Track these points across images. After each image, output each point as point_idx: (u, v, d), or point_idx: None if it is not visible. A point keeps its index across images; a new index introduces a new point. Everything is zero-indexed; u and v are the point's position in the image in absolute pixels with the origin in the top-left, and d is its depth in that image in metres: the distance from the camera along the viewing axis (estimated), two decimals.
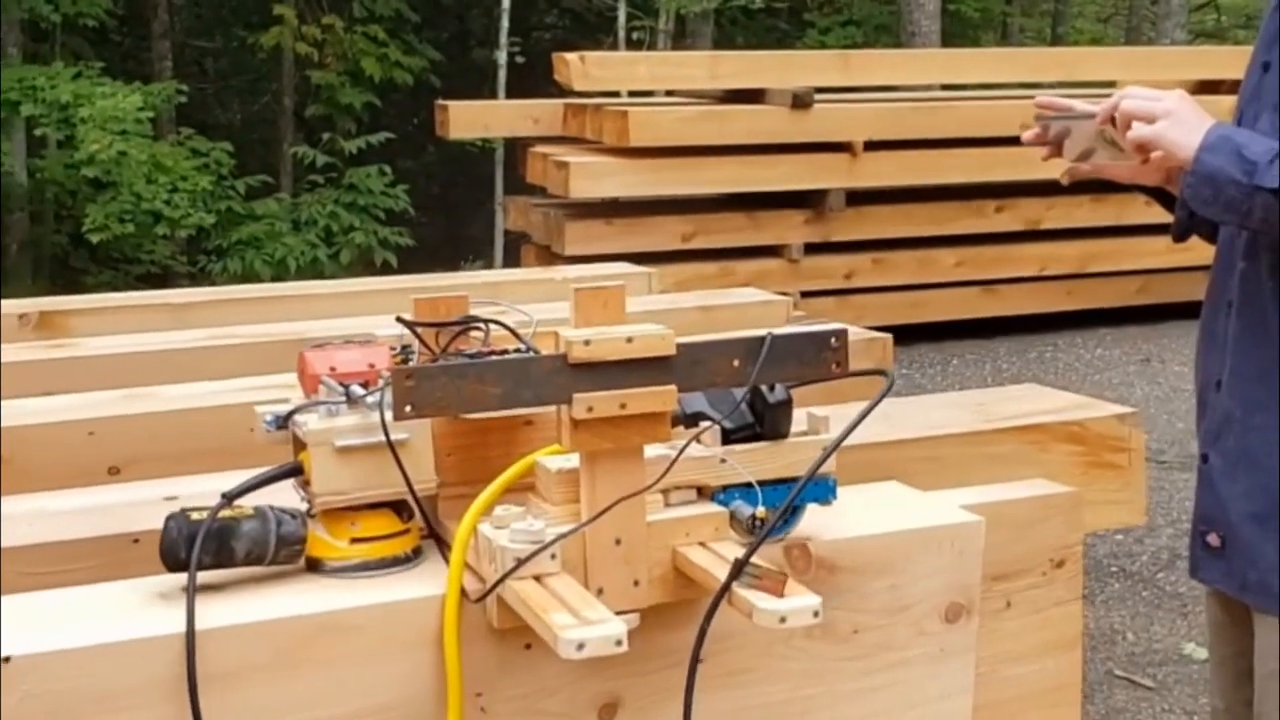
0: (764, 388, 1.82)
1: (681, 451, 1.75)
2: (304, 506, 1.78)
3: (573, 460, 1.73)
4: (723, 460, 1.81)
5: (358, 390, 1.76)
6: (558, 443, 1.74)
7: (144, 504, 2.27)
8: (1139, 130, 2.02)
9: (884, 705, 2.02)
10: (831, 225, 7.56)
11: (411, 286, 4.54)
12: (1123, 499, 3.01)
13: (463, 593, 1.70)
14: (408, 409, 1.61)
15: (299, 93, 12.20)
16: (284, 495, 1.83)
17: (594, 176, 7.05)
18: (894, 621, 2.00)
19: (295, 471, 1.78)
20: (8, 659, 1.58)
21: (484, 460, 1.81)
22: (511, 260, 9.26)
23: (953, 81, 8.83)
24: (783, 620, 1.63)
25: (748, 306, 4.25)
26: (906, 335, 7.64)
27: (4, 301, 4.79)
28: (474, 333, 1.95)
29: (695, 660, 1.72)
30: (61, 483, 2.71)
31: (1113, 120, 2.08)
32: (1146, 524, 4.55)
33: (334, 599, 1.71)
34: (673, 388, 1.71)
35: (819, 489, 1.86)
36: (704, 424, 1.81)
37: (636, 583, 1.75)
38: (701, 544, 1.77)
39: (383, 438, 1.73)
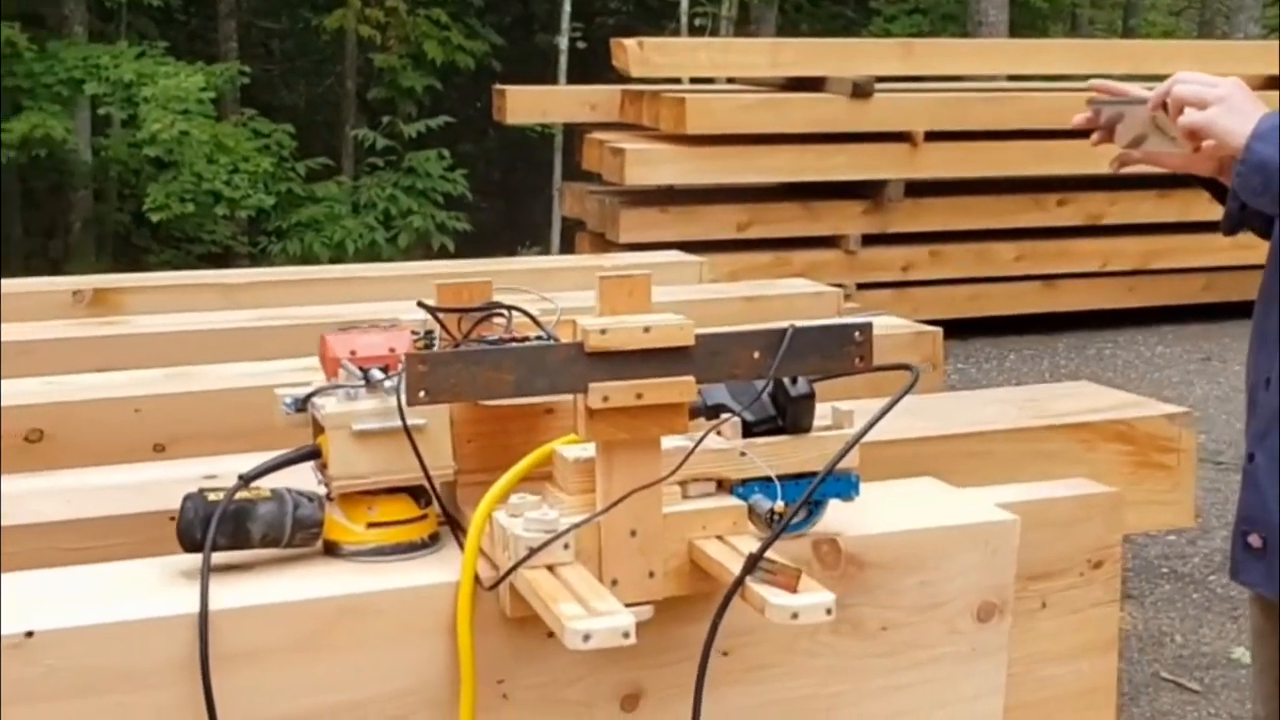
0: (786, 381, 1.80)
1: (698, 443, 1.73)
2: (322, 490, 1.78)
3: (590, 450, 1.70)
4: (742, 453, 1.78)
5: (376, 374, 1.75)
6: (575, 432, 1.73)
7: (183, 482, 2.26)
8: (1190, 116, 1.98)
9: (912, 704, 1.99)
10: (890, 216, 7.49)
11: (460, 271, 4.54)
12: (1171, 500, 2.96)
13: (477, 580, 1.69)
14: (421, 394, 1.60)
15: (362, 75, 12.26)
16: (306, 478, 1.83)
17: (649, 163, 7.02)
18: (924, 619, 1.97)
19: (314, 455, 1.77)
20: (31, 634, 1.58)
21: (504, 448, 1.79)
22: (568, 247, 9.25)
23: (1017, 73, 8.73)
24: (795, 616, 1.60)
25: (796, 297, 4.22)
26: (964, 330, 7.59)
27: (60, 279, 4.84)
28: (498, 319, 1.93)
29: (706, 654, 1.70)
30: (107, 459, 2.72)
31: (1165, 106, 2.04)
32: (1200, 525, 4.50)
33: (349, 583, 1.70)
34: (691, 379, 1.68)
35: (841, 484, 1.83)
36: (722, 416, 1.79)
37: (652, 574, 1.72)
38: (719, 537, 1.74)
39: (401, 423, 1.71)
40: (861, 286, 7.35)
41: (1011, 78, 8.94)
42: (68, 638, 1.59)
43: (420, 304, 1.90)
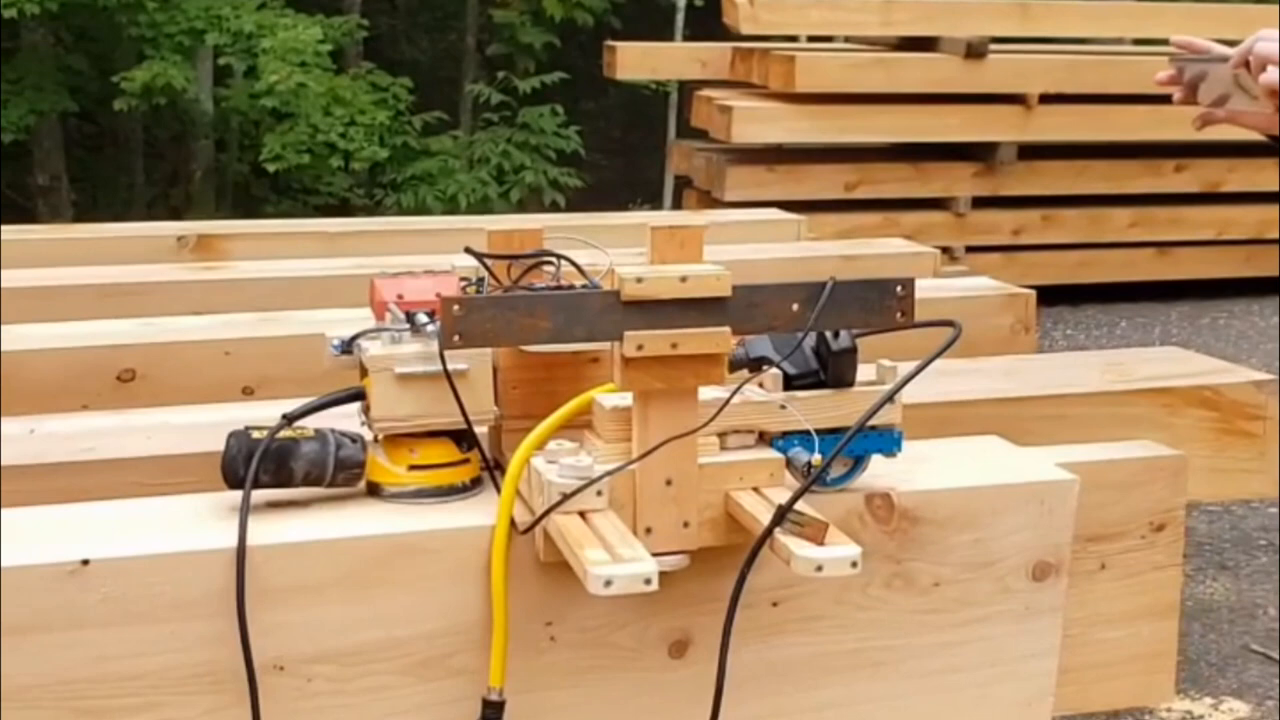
0: (829, 334, 1.79)
1: (733, 395, 1.73)
2: (367, 433, 1.81)
3: (627, 399, 1.72)
4: (782, 406, 1.78)
5: (422, 318, 1.77)
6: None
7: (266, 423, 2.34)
8: (1272, 74, 1.93)
9: (964, 661, 1.99)
10: (1001, 179, 7.38)
11: (549, 225, 4.57)
12: (1256, 468, 2.92)
13: (512, 524, 1.71)
14: (455, 338, 1.62)
15: (484, 32, 12.31)
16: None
17: (757, 121, 6.98)
18: (977, 577, 1.96)
19: (358, 396, 1.80)
20: (87, 561, 1.63)
21: (549, 395, 1.81)
22: (679, 205, 9.25)
23: (1136, 36, 8.54)
24: (819, 569, 1.60)
25: (892, 257, 4.20)
26: (1075, 296, 7.48)
27: (166, 224, 4.95)
28: (548, 268, 1.94)
29: (733, 605, 1.71)
30: (197, 400, 2.80)
31: (1247, 64, 1.99)
32: None
33: (388, 523, 1.74)
34: (727, 330, 1.68)
35: (883, 440, 1.83)
36: (752, 370, 1.79)
37: (686, 524, 1.74)
38: (755, 489, 1.75)
39: (442, 366, 1.73)
40: (971, 249, 7.27)
41: (1134, 42, 8.75)
42: (123, 566, 1.64)
43: (468, 250, 1.92)
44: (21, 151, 10.37)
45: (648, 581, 1.56)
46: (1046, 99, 7.24)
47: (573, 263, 1.93)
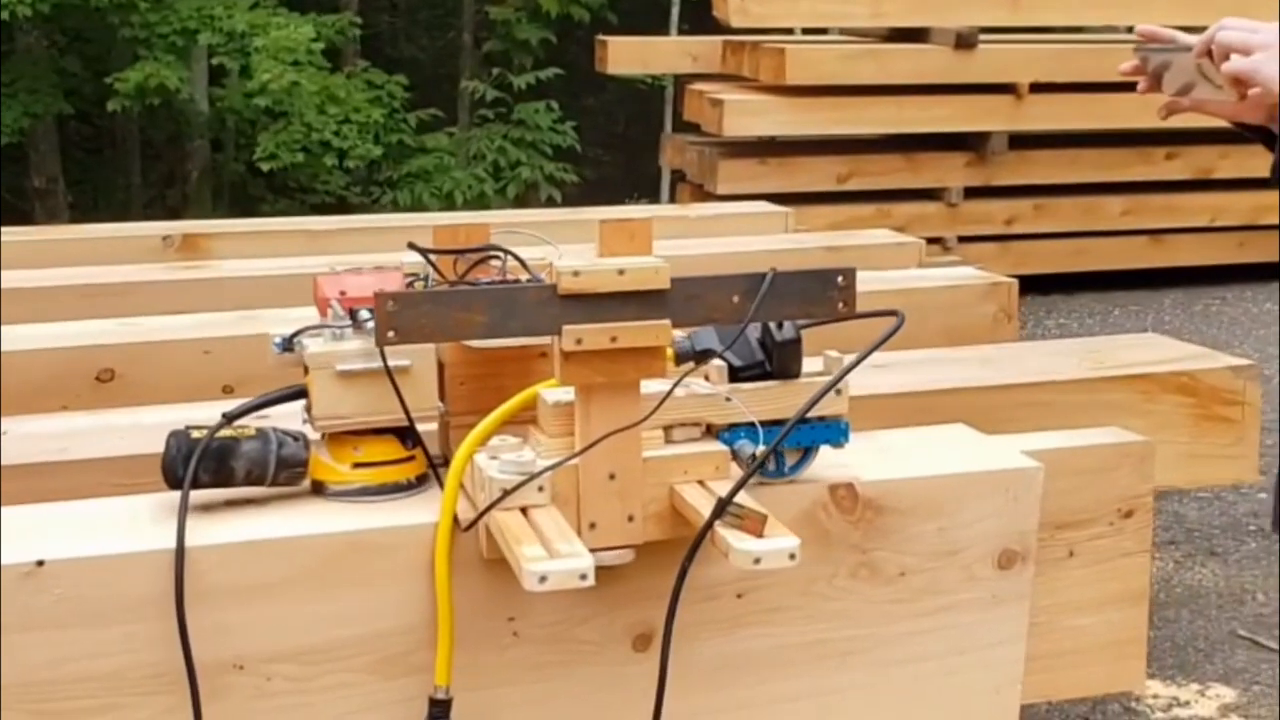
0: (773, 326, 1.78)
1: (673, 389, 1.72)
2: (309, 430, 1.80)
3: (571, 393, 1.71)
4: (728, 398, 1.77)
5: (364, 315, 1.76)
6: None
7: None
8: (1235, 63, 1.92)
9: (931, 649, 1.98)
10: (993, 169, 7.38)
11: (545, 220, 4.58)
12: (1235, 454, 2.92)
13: (455, 521, 1.71)
14: (391, 334, 1.61)
15: (482, 29, 12.31)
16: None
17: (748, 114, 6.98)
18: (942, 565, 1.96)
19: (301, 394, 1.79)
20: (41, 563, 1.63)
21: (497, 390, 1.80)
22: (675, 199, 9.24)
23: (1126, 23, 8.52)
24: (757, 561, 1.61)
25: (876, 247, 4.20)
26: (1068, 284, 7.47)
27: (151, 224, 4.95)
28: (494, 263, 1.93)
29: (675, 599, 1.70)
30: (178, 399, 2.79)
31: (1210, 53, 1.99)
32: None
33: (339, 521, 1.73)
34: (667, 322, 1.68)
35: (830, 430, 1.83)
36: (698, 362, 1.78)
37: (631, 519, 1.73)
38: (700, 482, 1.74)
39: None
40: (963, 239, 7.27)
41: (1124, 29, 8.74)
42: (78, 567, 1.64)
43: (411, 245, 1.91)
44: (18, 154, 10.38)
45: (583, 577, 1.56)
46: (1037, 88, 7.24)
47: (517, 258, 1.92)
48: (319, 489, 1.80)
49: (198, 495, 1.73)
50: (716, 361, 1.80)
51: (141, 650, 1.65)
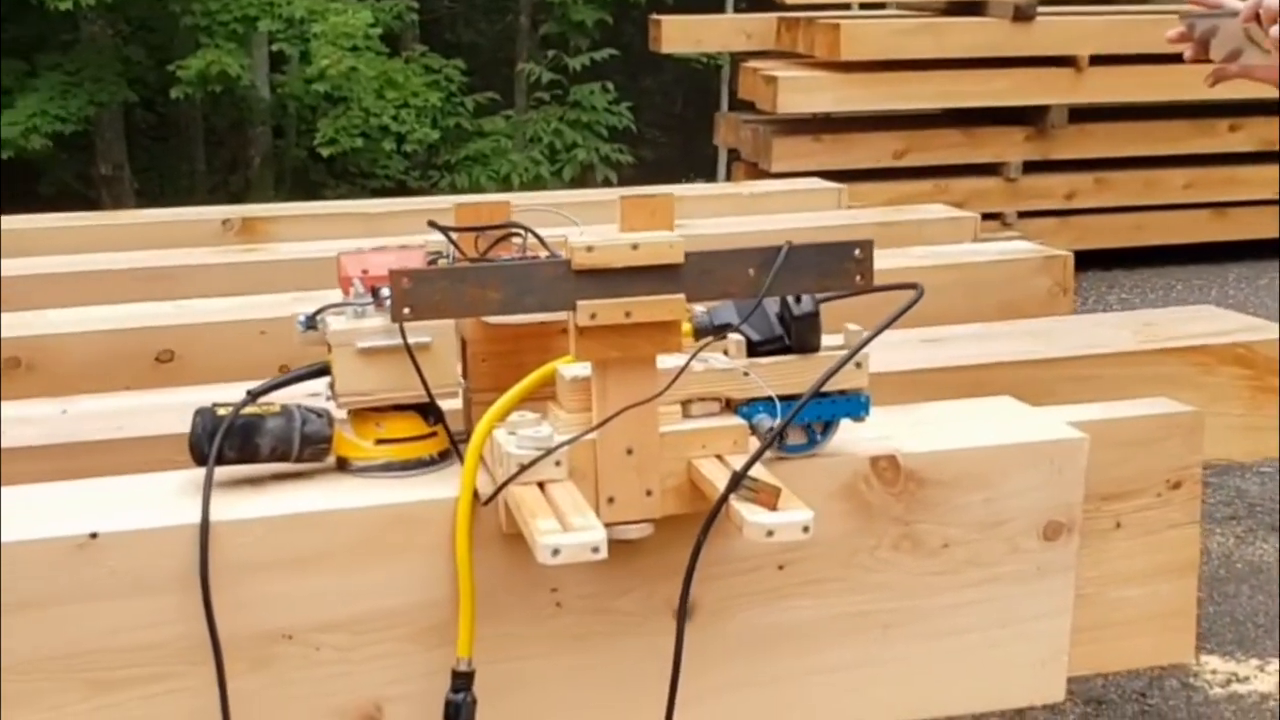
0: (791, 299, 1.78)
1: (688, 363, 1.72)
2: (333, 407, 1.81)
3: (588, 369, 1.71)
4: (745, 373, 1.77)
5: (385, 293, 1.76)
6: None
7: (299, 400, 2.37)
8: None
9: (975, 622, 1.99)
10: (1052, 143, 7.33)
11: (592, 200, 4.58)
12: None
13: (475, 496, 1.72)
14: (406, 311, 1.62)
15: (539, 12, 12.33)
16: None
17: (803, 91, 6.96)
18: (986, 537, 1.96)
19: (324, 372, 1.81)
20: (95, 535, 1.67)
21: (518, 366, 1.80)
22: (731, 178, 9.23)
23: None
24: (770, 534, 1.61)
25: (930, 223, 4.17)
26: (1129, 259, 7.41)
27: (211, 208, 5.01)
28: (515, 240, 1.93)
29: (691, 569, 1.71)
30: (236, 379, 2.82)
31: (1258, 18, 1.97)
32: None
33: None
34: (681, 297, 1.68)
35: (850, 404, 1.83)
36: (713, 336, 1.78)
37: (649, 493, 1.74)
38: (718, 457, 1.75)
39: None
40: (1023, 215, 7.23)
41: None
42: (130, 539, 1.67)
43: (431, 223, 1.92)
44: (84, 142, 10.51)
45: (595, 550, 1.56)
46: (1097, 60, 7.18)
47: (535, 235, 1.92)
48: (343, 465, 1.82)
49: (234, 471, 1.76)
50: (735, 336, 1.79)
51: (191, 620, 1.68)
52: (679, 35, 7.88)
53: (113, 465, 2.13)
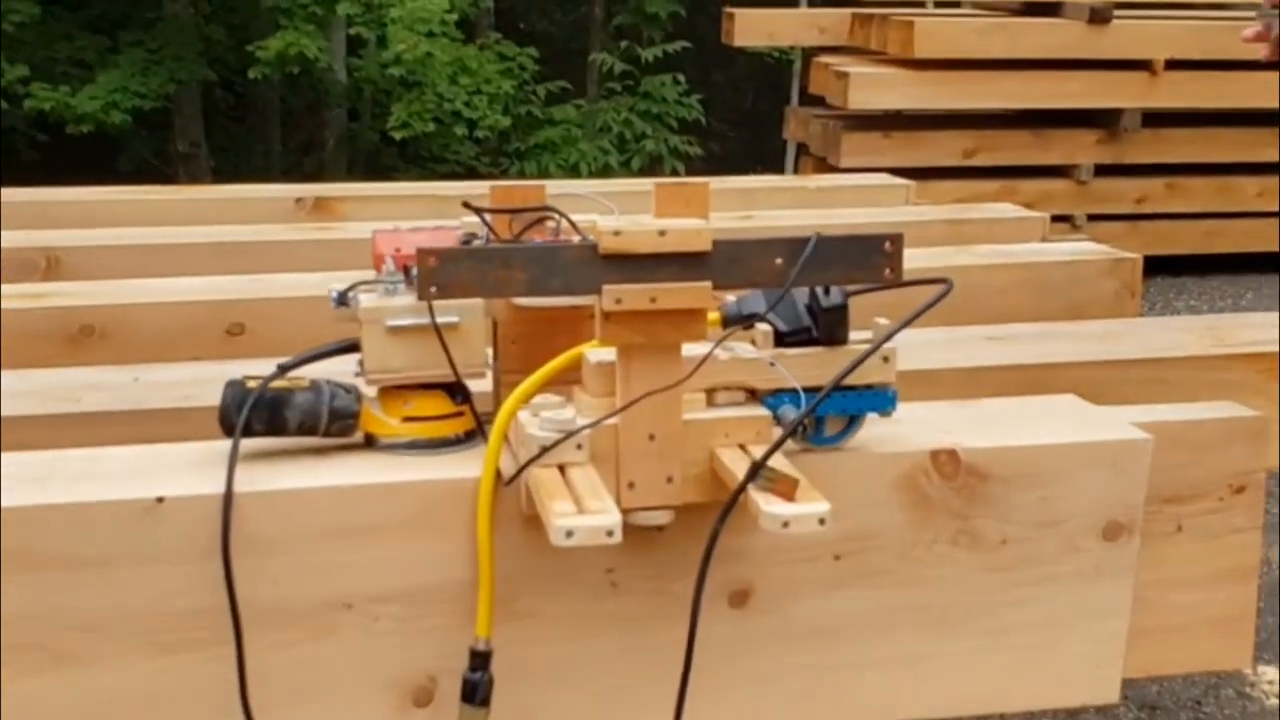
0: (819, 291, 1.77)
1: (711, 351, 1.72)
2: (362, 383, 1.82)
3: (613, 354, 1.71)
4: (771, 363, 1.77)
5: (415, 272, 1.77)
6: None
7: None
8: None
9: (1030, 619, 1.98)
10: (1125, 147, 7.27)
11: (647, 190, 4.59)
12: None
13: (498, 476, 1.72)
14: (432, 289, 1.62)
15: (612, 1, 12.37)
16: None
17: (874, 88, 6.94)
18: (1045, 535, 1.96)
19: (354, 348, 1.82)
20: (161, 499, 1.70)
21: (548, 349, 1.80)
22: (798, 173, 9.20)
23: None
24: (785, 525, 1.61)
25: (999, 222, 4.15)
26: (1200, 266, 7.34)
27: (285, 186, 5.06)
28: (549, 224, 1.94)
29: (708, 557, 1.70)
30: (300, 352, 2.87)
31: None
32: None
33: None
34: (707, 284, 1.67)
35: (877, 399, 1.82)
36: (740, 325, 1.78)
37: (670, 480, 1.73)
38: (741, 446, 1.74)
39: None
40: (1092, 218, 7.17)
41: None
42: (196, 504, 1.70)
43: (465, 204, 1.93)
44: (163, 120, 10.64)
45: (609, 534, 1.56)
46: (1172, 65, 7.11)
47: (567, 219, 1.92)
48: (371, 441, 1.83)
49: (302, 441, 1.78)
50: (763, 326, 1.79)
51: (251, 587, 1.70)
52: (752, 29, 7.87)
53: (181, 432, 2.16)
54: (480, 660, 1.76)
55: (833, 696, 1.95)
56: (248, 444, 1.77)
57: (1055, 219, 4.67)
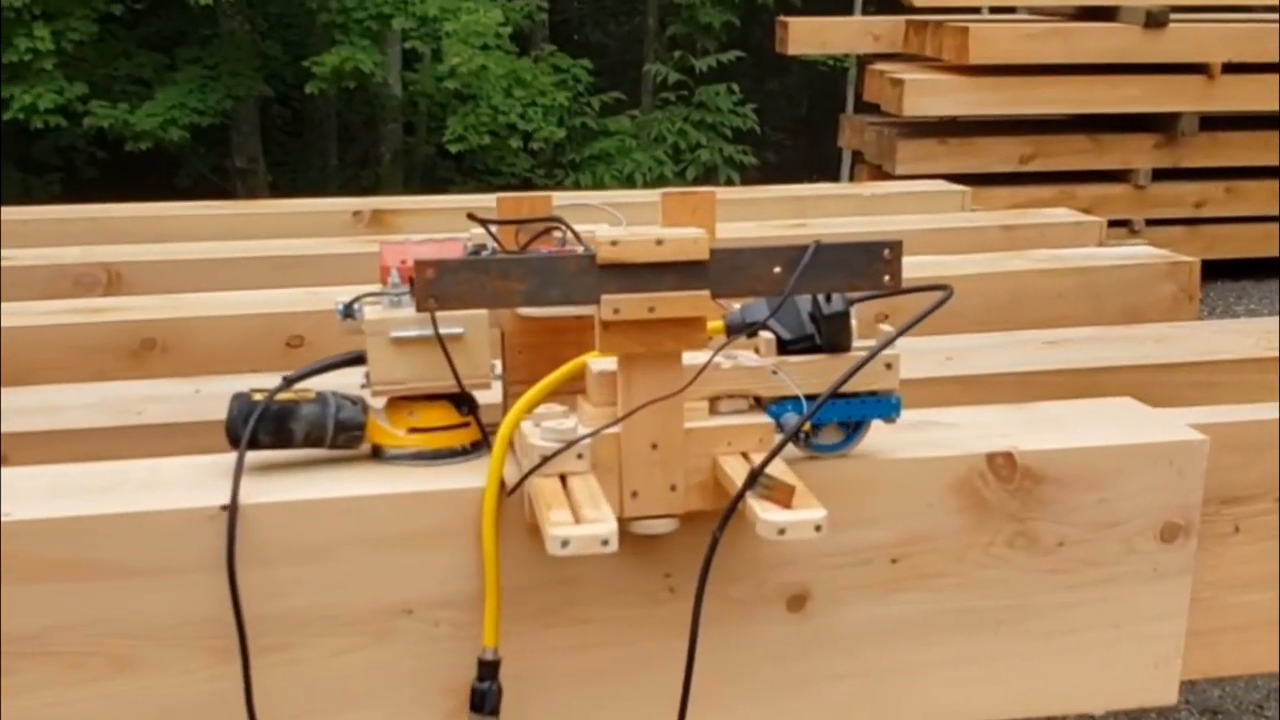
0: (821, 298, 1.77)
1: (710, 360, 1.72)
2: (368, 395, 1.83)
3: (614, 363, 1.71)
4: (774, 371, 1.77)
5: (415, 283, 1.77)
6: None
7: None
8: None
9: (1088, 622, 1.98)
10: (1182, 151, 7.22)
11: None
12: None
13: (502, 485, 1.73)
14: (430, 301, 1.63)
15: (667, 13, 12.41)
16: None
17: (929, 94, 6.93)
18: (1102, 537, 1.95)
19: (360, 360, 1.82)
20: (224, 507, 1.72)
21: (555, 359, 1.80)
22: (853, 181, 9.19)
23: None
24: (781, 532, 1.60)
25: (1055, 227, 4.14)
26: (1259, 270, 7.27)
27: (343, 199, 5.10)
28: (556, 234, 1.94)
29: (708, 563, 1.70)
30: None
31: None
32: None
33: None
34: (705, 293, 1.66)
35: (881, 405, 1.81)
36: (740, 334, 1.78)
37: (674, 488, 1.73)
38: (743, 454, 1.74)
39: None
40: (1150, 223, 7.12)
41: None
42: (259, 512, 1.71)
43: (470, 216, 1.93)
44: (221, 136, 10.76)
45: (605, 543, 1.56)
46: (1230, 68, 7.05)
47: (571, 229, 1.92)
48: (377, 453, 1.83)
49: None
50: (765, 334, 1.78)
51: (314, 593, 1.73)
52: (806, 37, 7.87)
53: None
54: (488, 670, 1.76)
55: (889, 700, 1.96)
56: (295, 454, 1.79)
57: (1113, 224, 4.65)
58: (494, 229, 1.96)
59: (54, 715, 1.71)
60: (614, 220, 2.00)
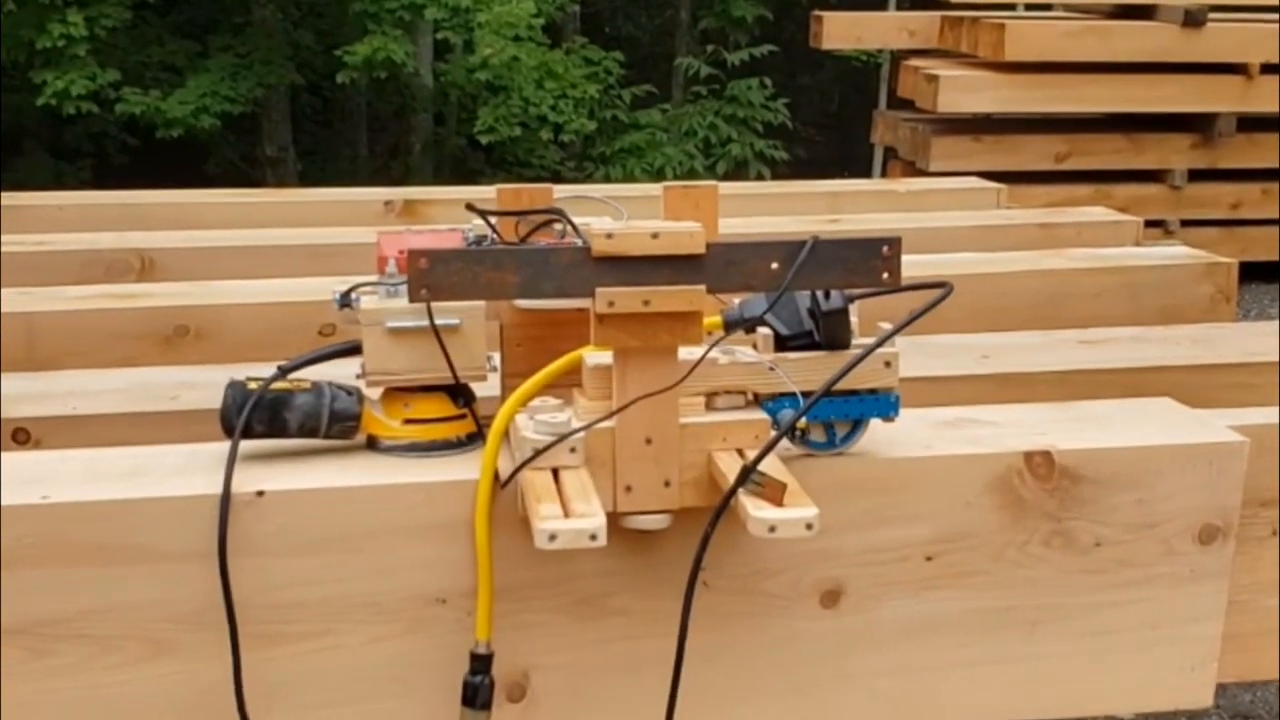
0: (820, 295, 1.75)
1: (704, 355, 1.71)
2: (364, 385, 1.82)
3: (610, 357, 1.70)
4: (771, 367, 1.75)
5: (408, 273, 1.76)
6: None
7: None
8: None
9: (1124, 622, 1.97)
10: (1219, 151, 7.17)
11: (744, 194, 4.60)
12: None
13: (496, 478, 1.72)
14: (423, 291, 1.62)
15: (698, 6, 12.39)
16: None
17: (964, 91, 6.90)
18: (1140, 538, 1.94)
19: (356, 350, 1.81)
20: (261, 493, 1.72)
21: (553, 352, 1.79)
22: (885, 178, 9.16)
23: None
24: (772, 530, 1.59)
25: (1091, 226, 4.11)
26: None
27: (375, 189, 5.11)
28: (557, 226, 1.93)
29: (698, 563, 1.69)
30: None
31: None
32: None
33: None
34: (701, 287, 1.65)
35: (880, 404, 1.79)
36: (736, 329, 1.76)
37: (668, 484, 1.72)
38: (739, 450, 1.72)
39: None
40: (1186, 223, 7.09)
41: None
42: (296, 499, 1.72)
43: (469, 206, 1.92)
44: (251, 124, 10.78)
45: (593, 538, 1.56)
46: (1268, 68, 7.00)
47: (569, 221, 1.91)
48: (372, 443, 1.83)
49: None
50: (764, 330, 1.77)
51: (352, 580, 1.73)
52: (840, 32, 7.85)
53: None
54: (481, 663, 1.75)
55: (922, 697, 1.95)
56: (320, 443, 1.79)
57: (1149, 224, 4.62)
58: (494, 220, 1.95)
59: (92, 698, 1.71)
60: (615, 213, 1.99)
